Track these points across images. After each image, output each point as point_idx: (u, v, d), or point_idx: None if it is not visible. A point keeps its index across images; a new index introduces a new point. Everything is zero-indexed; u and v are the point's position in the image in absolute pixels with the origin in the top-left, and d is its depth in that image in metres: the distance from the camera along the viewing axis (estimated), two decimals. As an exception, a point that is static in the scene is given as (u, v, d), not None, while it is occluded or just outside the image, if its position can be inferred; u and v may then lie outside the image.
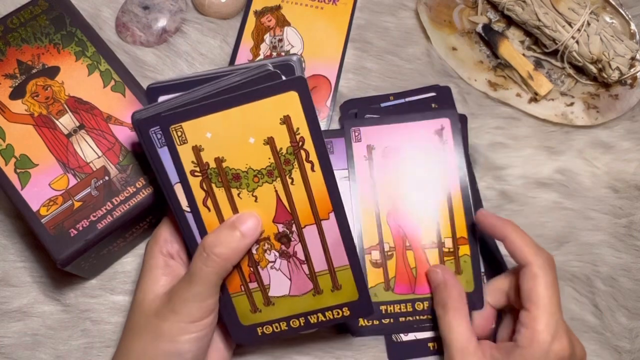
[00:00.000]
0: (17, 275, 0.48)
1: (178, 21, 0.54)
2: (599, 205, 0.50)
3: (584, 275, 0.48)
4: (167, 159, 0.37)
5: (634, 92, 0.52)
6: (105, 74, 0.44)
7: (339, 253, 0.39)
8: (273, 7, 0.55)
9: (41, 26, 0.45)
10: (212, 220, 0.38)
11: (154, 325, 0.38)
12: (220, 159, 0.37)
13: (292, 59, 0.39)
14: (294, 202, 0.38)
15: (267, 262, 0.39)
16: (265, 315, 0.40)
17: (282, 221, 0.38)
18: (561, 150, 0.51)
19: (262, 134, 0.37)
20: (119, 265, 0.48)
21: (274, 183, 0.37)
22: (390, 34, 0.55)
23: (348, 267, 0.39)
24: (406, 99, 0.52)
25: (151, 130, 0.37)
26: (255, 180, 0.37)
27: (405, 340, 0.46)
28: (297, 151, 0.37)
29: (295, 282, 0.40)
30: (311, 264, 0.39)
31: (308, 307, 0.40)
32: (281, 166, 0.37)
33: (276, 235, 0.39)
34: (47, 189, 0.41)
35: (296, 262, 0.39)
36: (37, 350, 0.46)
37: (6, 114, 0.43)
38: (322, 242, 0.39)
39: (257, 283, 0.39)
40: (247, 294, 0.40)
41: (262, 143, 0.37)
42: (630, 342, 0.47)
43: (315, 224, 0.38)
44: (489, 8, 0.56)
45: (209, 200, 0.38)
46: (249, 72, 0.37)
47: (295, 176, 0.37)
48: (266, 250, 0.39)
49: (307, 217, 0.38)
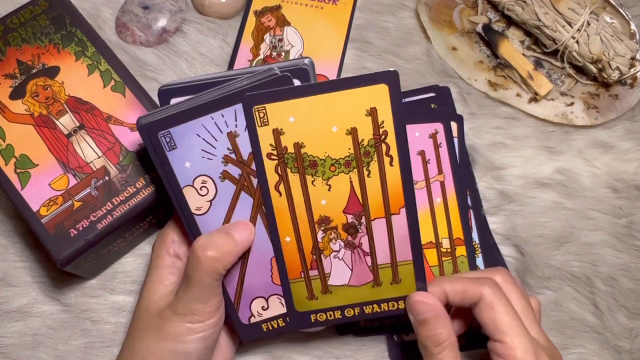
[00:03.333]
0: (17, 275, 0.48)
1: (178, 21, 0.54)
2: (599, 205, 0.50)
3: (584, 275, 0.48)
4: (176, 162, 0.37)
5: (634, 92, 0.52)
6: (105, 74, 0.44)
7: (404, 248, 0.39)
8: (273, 7, 0.55)
9: (41, 26, 0.45)
10: (282, 206, 0.38)
11: (159, 325, 0.38)
12: (299, 145, 0.37)
13: (305, 62, 0.39)
14: (367, 194, 0.38)
15: (331, 251, 0.39)
16: (322, 303, 0.40)
17: (352, 212, 0.39)
18: (561, 150, 0.51)
19: (346, 123, 0.37)
20: (119, 265, 0.48)
21: (350, 174, 0.38)
22: (390, 34, 0.55)
23: (411, 262, 0.39)
24: (405, 99, 0.52)
25: (160, 134, 0.37)
26: (331, 169, 0.38)
27: (406, 340, 0.46)
28: (378, 144, 0.37)
29: (356, 273, 0.40)
30: (375, 256, 0.39)
31: (365, 297, 0.40)
32: (360, 157, 0.37)
33: (344, 226, 0.39)
34: (47, 189, 0.41)
35: (360, 253, 0.39)
36: (37, 350, 0.46)
37: (6, 114, 0.43)
38: (389, 236, 0.39)
39: (318, 271, 0.40)
40: (306, 281, 0.40)
41: (345, 133, 0.37)
42: (630, 342, 0.47)
43: (385, 217, 0.39)
44: (489, 8, 0.56)
45: (281, 185, 0.38)
46: (256, 76, 0.37)
47: (372, 169, 0.38)
48: (332, 240, 0.39)
49: (378, 210, 0.38)
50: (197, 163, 0.38)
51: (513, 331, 0.36)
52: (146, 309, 0.39)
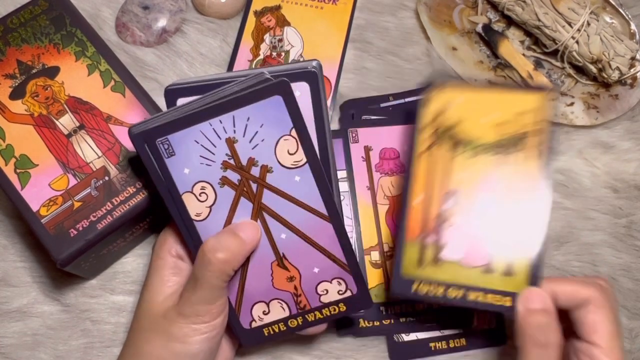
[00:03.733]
0: (17, 275, 0.48)
1: (178, 21, 0.54)
2: (599, 205, 0.50)
3: (584, 275, 0.48)
4: (175, 169, 0.37)
5: (634, 92, 0.52)
6: (105, 74, 0.44)
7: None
8: (273, 7, 0.55)
9: (41, 26, 0.45)
10: (424, 166, 0.42)
11: (165, 327, 0.37)
12: (455, 124, 0.42)
13: (313, 65, 0.39)
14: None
15: (453, 223, 0.40)
16: (429, 273, 0.40)
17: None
18: (561, 150, 0.51)
19: (506, 116, 0.42)
20: (119, 265, 0.48)
21: (493, 156, 0.41)
22: (390, 34, 0.55)
23: (527, 258, 0.39)
24: (405, 100, 0.52)
25: (158, 141, 0.37)
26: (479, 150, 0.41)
27: (406, 340, 0.46)
28: (523, 138, 0.41)
29: (470, 252, 0.40)
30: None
31: (473, 281, 0.40)
32: (509, 145, 0.41)
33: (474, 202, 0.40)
34: (47, 189, 0.41)
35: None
36: (37, 350, 0.46)
37: (6, 114, 0.43)
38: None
39: (436, 237, 0.40)
40: (421, 245, 0.40)
41: (496, 125, 0.41)
42: (630, 342, 0.47)
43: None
44: (489, 8, 0.56)
45: (427, 152, 0.42)
46: (247, 81, 0.37)
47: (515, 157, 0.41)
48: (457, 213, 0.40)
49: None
50: (196, 169, 0.38)
51: (612, 340, 0.37)
52: (149, 310, 0.39)
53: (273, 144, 0.37)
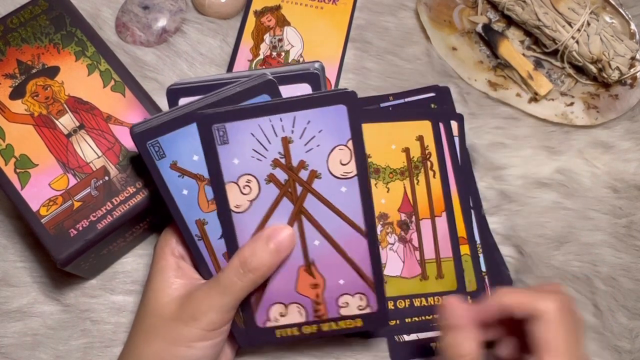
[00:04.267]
0: (17, 275, 0.48)
1: (178, 21, 0.54)
2: (599, 205, 0.50)
3: (584, 275, 0.48)
4: (225, 157, 0.37)
5: (634, 92, 0.52)
6: (105, 74, 0.44)
7: (445, 246, 0.46)
8: (273, 7, 0.55)
9: (41, 26, 0.45)
10: None
11: (170, 330, 0.37)
12: (367, 155, 0.47)
13: (315, 67, 0.39)
14: (417, 198, 0.47)
15: (387, 243, 0.47)
16: None
17: (404, 211, 0.47)
18: (561, 150, 0.51)
19: (401, 144, 0.48)
20: (119, 265, 0.48)
21: (403, 181, 0.48)
22: (390, 34, 0.55)
23: (451, 259, 0.46)
24: (405, 99, 0.52)
25: (215, 127, 0.37)
26: (390, 176, 0.47)
27: (407, 340, 0.46)
28: (424, 161, 0.48)
29: (407, 265, 0.46)
30: (422, 251, 0.46)
31: (414, 290, 0.46)
32: (412, 169, 0.48)
33: (398, 222, 0.47)
34: (47, 189, 0.41)
35: (411, 247, 0.46)
36: (37, 350, 0.46)
37: (6, 114, 0.43)
38: (433, 234, 0.47)
39: None
40: None
41: (400, 150, 0.48)
42: (630, 342, 0.47)
43: (430, 218, 0.47)
44: (489, 8, 0.56)
45: None
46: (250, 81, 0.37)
47: (420, 179, 0.48)
48: (388, 233, 0.47)
49: (424, 212, 0.47)
50: (246, 162, 0.37)
51: (562, 357, 0.34)
52: (153, 312, 0.38)
53: (327, 151, 0.37)
